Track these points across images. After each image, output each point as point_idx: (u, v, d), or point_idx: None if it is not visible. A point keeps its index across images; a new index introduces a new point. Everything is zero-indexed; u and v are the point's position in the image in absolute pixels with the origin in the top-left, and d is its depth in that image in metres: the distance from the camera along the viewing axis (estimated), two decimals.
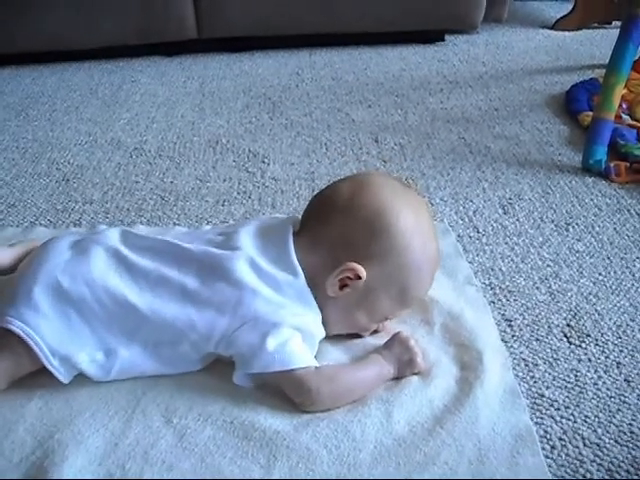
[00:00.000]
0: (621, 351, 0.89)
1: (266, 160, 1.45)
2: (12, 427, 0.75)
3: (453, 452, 0.72)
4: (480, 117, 1.67)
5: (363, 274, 0.82)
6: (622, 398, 0.81)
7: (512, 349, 0.89)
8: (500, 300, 0.99)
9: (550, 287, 1.02)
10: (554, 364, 0.86)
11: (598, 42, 2.28)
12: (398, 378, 0.82)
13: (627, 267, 1.06)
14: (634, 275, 1.04)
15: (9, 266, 0.91)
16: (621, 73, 1.36)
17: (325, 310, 0.83)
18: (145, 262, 0.82)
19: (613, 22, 2.43)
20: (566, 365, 0.86)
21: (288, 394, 0.78)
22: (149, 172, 1.40)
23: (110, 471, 0.70)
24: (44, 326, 0.77)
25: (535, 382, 0.83)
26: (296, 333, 0.79)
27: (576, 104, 1.66)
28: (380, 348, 0.85)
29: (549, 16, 2.56)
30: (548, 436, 0.76)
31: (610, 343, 0.90)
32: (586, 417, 0.78)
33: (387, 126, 1.62)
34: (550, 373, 0.85)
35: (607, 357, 0.88)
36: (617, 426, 0.77)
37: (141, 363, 0.80)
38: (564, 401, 0.80)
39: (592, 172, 1.36)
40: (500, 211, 1.23)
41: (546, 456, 0.73)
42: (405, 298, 0.87)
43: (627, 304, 0.98)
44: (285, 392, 0.78)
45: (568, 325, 0.93)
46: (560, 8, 2.58)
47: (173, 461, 0.71)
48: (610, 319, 0.95)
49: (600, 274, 1.05)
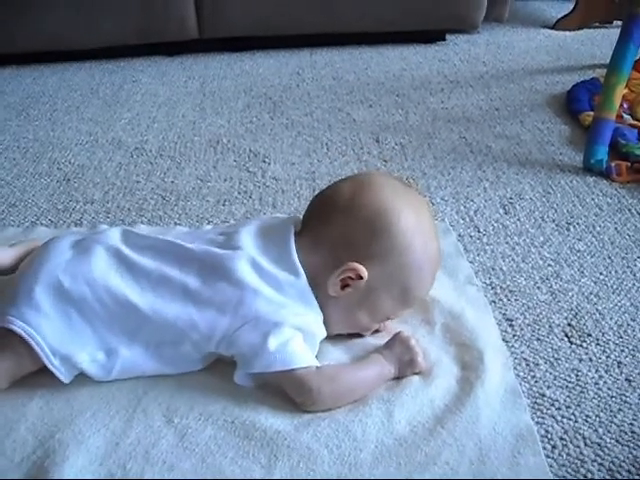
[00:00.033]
0: (622, 351, 0.89)
1: (267, 160, 1.45)
2: (13, 426, 0.75)
3: (454, 452, 0.72)
4: (481, 117, 1.67)
5: (364, 274, 0.82)
6: (623, 398, 0.81)
7: (513, 349, 0.89)
8: (501, 300, 0.99)
9: (551, 287, 1.02)
10: (555, 364, 0.86)
11: (599, 42, 2.28)
12: (399, 378, 0.82)
13: (628, 267, 1.06)
14: (635, 275, 1.04)
15: (10, 266, 0.91)
16: (622, 73, 1.36)
17: (326, 310, 0.83)
18: (146, 262, 0.82)
19: (614, 22, 2.43)
20: (567, 365, 0.86)
21: (289, 394, 0.78)
22: (150, 172, 1.40)
23: (111, 471, 0.70)
24: (45, 326, 0.77)
25: (536, 382, 0.83)
26: (297, 333, 0.79)
27: (577, 104, 1.66)
28: (381, 348, 0.85)
29: (550, 16, 2.56)
30: (549, 436, 0.76)
31: (611, 343, 0.90)
32: (587, 417, 0.78)
33: (388, 126, 1.62)
34: (551, 373, 0.85)
35: (608, 357, 0.88)
36: (618, 426, 0.77)
37: (142, 363, 0.80)
38: (565, 401, 0.80)
39: (593, 172, 1.36)
40: (501, 211, 1.23)
41: (547, 456, 0.73)
42: (406, 298, 0.87)
43: (628, 304, 0.98)
44: (286, 392, 0.78)
45: (569, 325, 0.93)
46: (561, 8, 2.57)
47: (174, 461, 0.71)
48: (611, 319, 0.95)
49: (601, 274, 1.05)
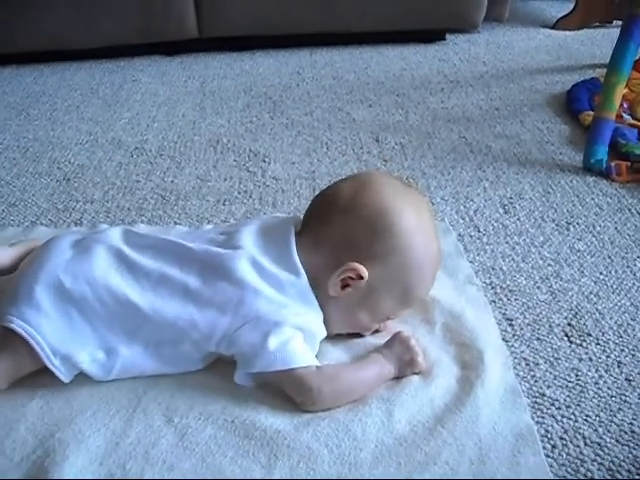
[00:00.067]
0: (622, 350, 0.89)
1: (267, 159, 1.45)
2: (13, 426, 0.75)
3: (454, 451, 0.72)
4: (481, 116, 1.67)
5: (365, 274, 0.82)
6: (623, 397, 0.81)
7: (513, 348, 0.89)
8: (501, 299, 0.99)
9: (551, 286, 1.02)
10: (555, 363, 0.86)
11: (599, 41, 2.28)
12: (399, 377, 0.82)
13: (628, 266, 1.06)
14: (635, 274, 1.04)
15: (10, 266, 0.91)
16: (622, 72, 1.36)
17: (326, 310, 0.83)
18: (147, 261, 0.82)
19: (614, 21, 2.42)
20: (567, 364, 0.86)
21: (289, 393, 0.78)
22: (150, 171, 1.40)
23: (111, 471, 0.70)
24: (45, 325, 0.77)
25: (536, 381, 0.83)
26: (298, 333, 0.79)
27: (577, 103, 1.66)
28: (381, 347, 0.85)
29: (550, 16, 2.56)
30: (549, 435, 0.76)
31: (611, 342, 0.90)
32: (587, 416, 0.78)
33: (388, 125, 1.62)
34: (551, 372, 0.85)
35: (608, 356, 0.88)
36: (618, 425, 0.77)
37: (142, 362, 0.80)
38: (565, 400, 0.80)
39: (593, 171, 1.36)
40: (501, 210, 1.23)
41: (547, 455, 0.73)
42: (407, 298, 0.87)
43: (628, 303, 0.98)
44: (286, 391, 0.78)
45: (569, 324, 0.93)
46: (561, 8, 2.57)
47: (174, 461, 0.71)
48: (611, 318, 0.95)
49: (601, 273, 1.05)
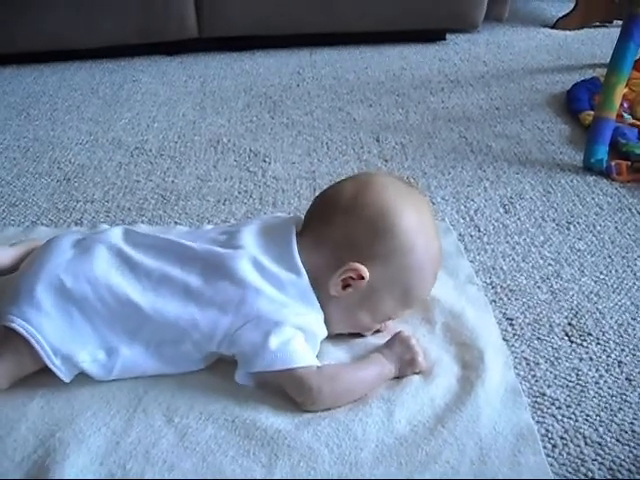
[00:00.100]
0: (622, 350, 0.89)
1: (267, 159, 1.45)
2: (14, 426, 0.75)
3: (454, 451, 0.72)
4: (481, 116, 1.67)
5: (366, 274, 0.81)
6: (623, 397, 0.81)
7: (513, 348, 0.89)
8: (501, 299, 0.99)
9: (551, 286, 1.02)
10: (555, 363, 0.86)
11: (599, 41, 2.27)
12: (399, 377, 0.82)
13: (628, 266, 1.06)
14: (635, 274, 1.04)
15: (10, 266, 0.90)
16: (622, 72, 1.36)
17: (327, 310, 0.83)
18: (148, 261, 0.82)
19: (614, 21, 2.42)
20: (567, 364, 0.86)
21: (289, 393, 0.78)
22: (150, 171, 1.40)
23: (111, 470, 0.70)
24: (46, 325, 0.77)
25: (536, 381, 0.83)
26: (298, 332, 0.79)
27: (577, 103, 1.66)
28: (381, 347, 0.85)
29: (550, 15, 2.56)
30: (549, 435, 0.76)
31: (611, 342, 0.90)
32: (587, 416, 0.78)
33: (388, 125, 1.62)
34: (551, 372, 0.85)
35: (608, 356, 0.88)
36: (619, 425, 0.77)
37: (143, 362, 0.80)
38: (565, 400, 0.80)
39: (593, 171, 1.36)
40: (501, 210, 1.23)
41: (547, 455, 0.73)
42: (408, 298, 0.86)
43: (628, 303, 0.98)
44: (286, 391, 0.78)
45: (569, 324, 0.93)
46: (561, 7, 2.57)
47: (174, 460, 0.71)
48: (611, 318, 0.95)
49: (601, 273, 1.05)
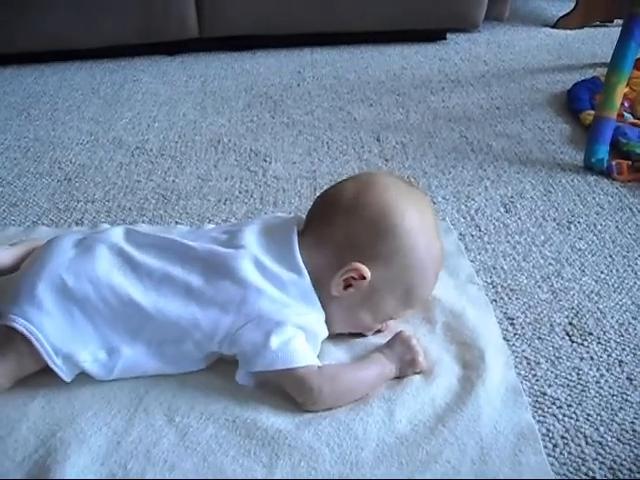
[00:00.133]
0: (623, 349, 0.89)
1: (268, 159, 1.45)
2: (15, 426, 0.75)
3: (455, 450, 0.72)
4: (482, 116, 1.67)
5: (368, 274, 0.81)
6: (624, 396, 0.81)
7: (514, 347, 0.89)
8: (502, 298, 0.99)
9: (552, 285, 1.02)
10: (556, 362, 0.86)
11: (600, 41, 2.27)
12: (399, 377, 0.82)
13: (629, 265, 1.06)
14: (636, 273, 1.04)
15: (10, 266, 0.91)
16: (623, 72, 1.36)
17: (329, 309, 0.83)
18: (149, 260, 0.82)
19: (615, 21, 2.42)
20: (568, 363, 0.86)
21: (290, 393, 0.78)
22: (151, 171, 1.40)
23: (112, 470, 0.70)
24: (47, 324, 0.77)
25: (537, 380, 0.83)
26: (299, 332, 0.79)
27: (578, 103, 1.66)
28: (382, 347, 0.85)
29: (551, 15, 2.56)
30: (550, 434, 0.76)
31: (612, 341, 0.90)
32: (588, 415, 0.78)
33: (389, 125, 1.62)
34: (552, 371, 0.85)
35: (609, 355, 0.88)
36: (619, 424, 0.77)
37: (144, 362, 0.80)
38: (566, 399, 0.81)
39: (594, 170, 1.36)
40: (502, 209, 1.23)
41: (548, 454, 0.73)
42: (409, 298, 0.86)
43: (629, 302, 0.98)
44: (287, 391, 0.78)
45: (570, 323, 0.93)
46: (562, 7, 2.57)
47: (175, 460, 0.72)
48: (612, 317, 0.95)
49: (602, 272, 1.05)
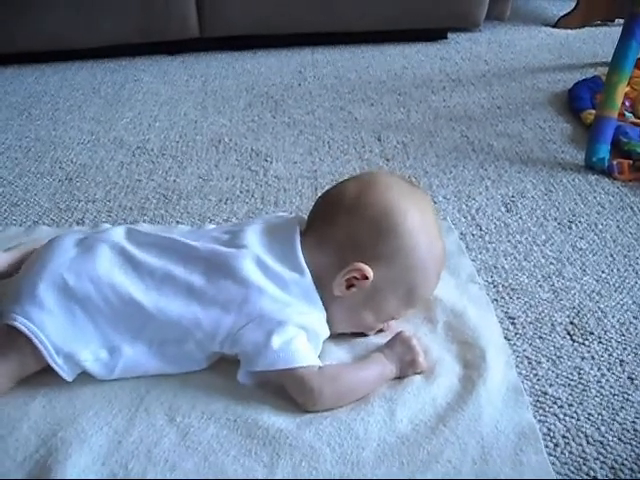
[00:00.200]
0: (624, 349, 0.89)
1: (269, 158, 1.45)
2: (16, 425, 0.75)
3: (456, 450, 0.72)
4: (483, 115, 1.67)
5: (370, 274, 0.81)
6: (625, 396, 0.81)
7: (515, 347, 0.89)
8: (503, 298, 0.99)
9: (553, 285, 1.01)
10: (557, 362, 0.86)
11: (601, 40, 2.27)
12: (400, 377, 0.82)
13: (630, 265, 1.06)
14: (637, 273, 1.04)
15: (5, 271, 0.91)
16: (624, 71, 1.36)
17: (330, 309, 0.83)
18: (151, 260, 0.82)
19: (616, 20, 2.42)
20: (569, 363, 0.86)
21: (291, 394, 0.78)
22: (152, 171, 1.40)
23: (113, 470, 0.70)
24: (49, 323, 0.77)
25: (538, 380, 0.83)
26: (301, 332, 0.79)
27: (579, 102, 1.66)
28: (382, 347, 0.85)
29: (551, 14, 2.56)
30: (551, 434, 0.76)
31: (613, 341, 0.90)
32: (589, 415, 0.78)
33: (390, 124, 1.62)
34: (553, 371, 0.85)
35: (610, 355, 0.88)
36: (620, 424, 0.77)
37: (145, 362, 0.80)
38: (567, 399, 0.80)
39: (595, 170, 1.36)
40: (503, 209, 1.23)
41: (549, 454, 0.73)
42: (412, 298, 0.86)
43: (630, 302, 0.98)
44: (288, 392, 0.78)
45: (571, 323, 0.93)
46: (562, 6, 2.57)
47: (176, 460, 0.72)
48: (613, 317, 0.94)
49: (603, 272, 1.05)
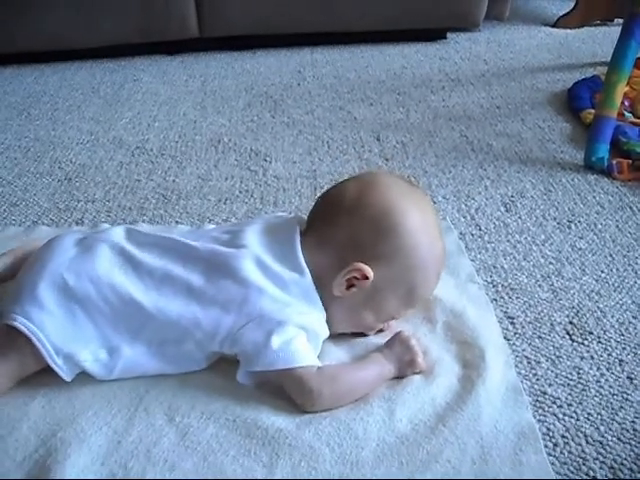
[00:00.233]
0: (624, 348, 0.89)
1: (268, 158, 1.45)
2: (16, 425, 0.75)
3: (456, 450, 0.72)
4: (482, 115, 1.67)
5: (370, 274, 0.81)
6: (625, 395, 0.81)
7: (514, 347, 0.89)
8: (502, 298, 0.99)
9: (552, 285, 1.01)
10: (556, 362, 0.86)
11: (600, 40, 2.27)
12: (399, 377, 0.82)
13: (629, 264, 1.06)
14: (637, 272, 1.04)
15: (2, 277, 0.91)
16: (623, 71, 1.36)
17: (330, 309, 0.83)
18: (150, 259, 0.82)
19: (615, 20, 2.42)
20: (569, 363, 0.86)
21: (290, 394, 0.78)
22: (151, 171, 1.40)
23: (112, 470, 0.70)
24: (48, 323, 0.77)
25: (537, 380, 0.83)
26: (301, 332, 0.79)
27: (578, 102, 1.66)
28: (381, 347, 0.85)
29: (551, 14, 2.56)
30: (551, 434, 0.76)
31: (613, 341, 0.90)
32: (589, 415, 0.78)
33: (389, 124, 1.62)
34: (552, 371, 0.85)
35: (610, 355, 0.88)
36: (620, 424, 0.77)
37: (145, 362, 0.80)
38: (567, 399, 0.80)
39: (594, 170, 1.36)
40: (502, 209, 1.23)
41: (549, 454, 0.73)
42: (412, 298, 0.86)
43: (629, 301, 0.98)
44: (287, 393, 0.78)
45: (570, 323, 0.93)
46: (562, 6, 2.57)
47: (175, 460, 0.72)
48: (613, 316, 0.95)
49: (602, 272, 1.05)
